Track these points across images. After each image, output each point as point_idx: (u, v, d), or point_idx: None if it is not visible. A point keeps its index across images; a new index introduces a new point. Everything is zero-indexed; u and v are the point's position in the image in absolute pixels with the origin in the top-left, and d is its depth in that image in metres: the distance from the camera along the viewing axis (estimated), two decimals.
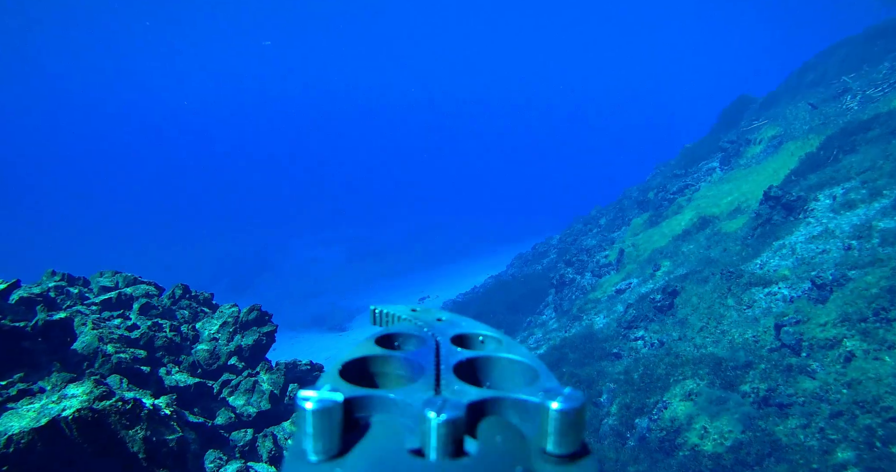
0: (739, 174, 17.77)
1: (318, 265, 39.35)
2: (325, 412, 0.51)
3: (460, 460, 0.49)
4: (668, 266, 15.33)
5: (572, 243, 22.82)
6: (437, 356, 0.72)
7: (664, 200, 20.13)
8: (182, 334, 6.36)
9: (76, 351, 4.96)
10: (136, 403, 3.58)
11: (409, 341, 0.81)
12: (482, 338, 0.80)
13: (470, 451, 0.51)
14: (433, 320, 0.90)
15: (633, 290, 15.62)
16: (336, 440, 0.52)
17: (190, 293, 7.78)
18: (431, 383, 0.63)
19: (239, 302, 28.25)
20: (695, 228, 16.32)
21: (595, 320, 15.37)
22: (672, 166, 23.01)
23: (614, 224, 21.82)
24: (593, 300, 16.63)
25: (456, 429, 0.49)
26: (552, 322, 18.20)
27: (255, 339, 7.00)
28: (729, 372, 9.24)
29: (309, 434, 0.51)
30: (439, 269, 35.50)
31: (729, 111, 22.70)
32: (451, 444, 0.49)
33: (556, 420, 0.52)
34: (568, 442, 0.52)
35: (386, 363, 0.71)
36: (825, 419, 7.54)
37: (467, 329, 0.83)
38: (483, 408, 0.59)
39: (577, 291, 18.43)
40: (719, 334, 10.46)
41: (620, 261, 18.03)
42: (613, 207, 24.02)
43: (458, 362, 0.69)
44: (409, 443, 0.53)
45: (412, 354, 0.73)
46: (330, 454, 0.51)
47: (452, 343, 0.77)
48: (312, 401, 0.52)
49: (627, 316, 12.92)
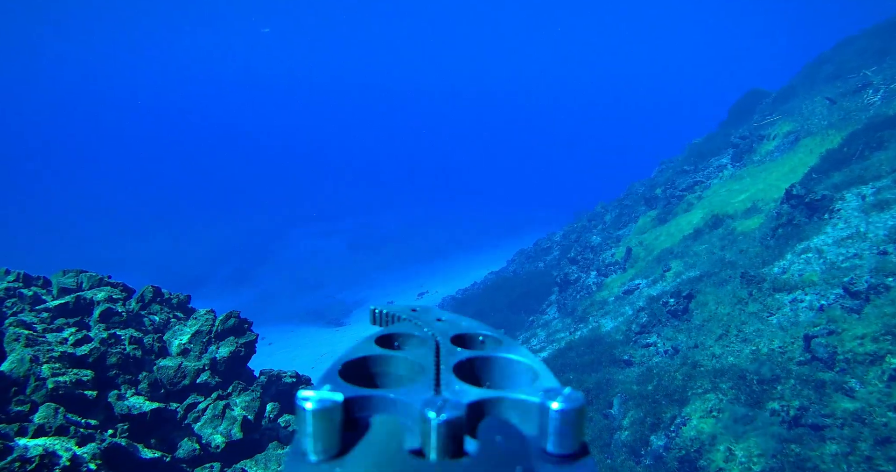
0: (753, 171, 16.84)
1: (318, 257, 38.46)
2: (325, 412, 0.51)
3: (460, 460, 0.49)
4: (679, 267, 14.44)
5: (576, 240, 21.92)
6: (437, 356, 0.71)
7: (672, 197, 19.21)
8: (145, 346, 5.45)
9: (3, 375, 4.06)
10: (43, 460, 2.68)
11: (409, 341, 0.79)
12: (482, 338, 0.79)
13: (470, 451, 0.51)
14: (433, 320, 0.87)
15: (641, 291, 14.74)
16: (336, 440, 0.51)
17: (162, 296, 6.87)
18: (431, 384, 0.63)
19: (238, 294, 27.23)
20: (707, 227, 15.42)
21: (602, 322, 14.50)
22: (679, 162, 22.06)
23: (620, 221, 20.91)
24: (600, 301, 15.75)
25: (456, 429, 0.49)
26: (556, 322, 17.34)
27: (232, 350, 6.10)
28: (754, 386, 8.36)
29: (309, 434, 0.50)
30: (438, 263, 34.62)
31: (739, 106, 21.73)
32: (451, 444, 0.49)
33: (556, 420, 0.51)
34: (568, 442, 0.52)
35: (386, 363, 0.70)
36: (870, 445, 6.66)
37: (467, 329, 0.81)
38: (483, 408, 0.58)
39: (582, 290, 17.55)
40: (741, 344, 9.57)
41: (627, 260, 17.15)
42: (618, 203, 23.10)
43: (458, 363, 0.68)
44: (409, 443, 0.52)
45: (412, 354, 0.72)
46: (330, 454, 0.51)
47: (452, 343, 0.76)
48: (312, 401, 0.51)
49: (639, 320, 12.04)
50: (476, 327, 0.83)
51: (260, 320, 29.72)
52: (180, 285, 32.87)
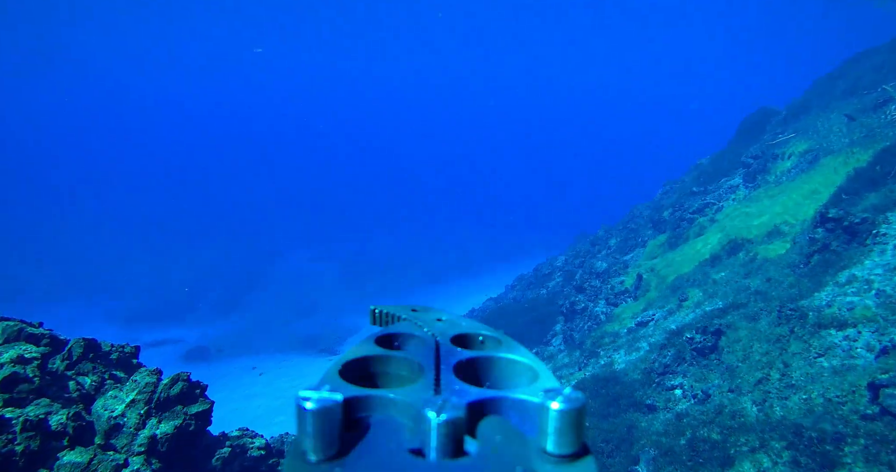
0: (770, 192, 15.63)
1: (311, 281, 36.95)
2: (325, 412, 0.50)
3: (460, 460, 0.49)
4: (698, 296, 13.10)
5: (580, 265, 20.60)
6: (437, 356, 0.71)
7: (682, 220, 17.97)
8: (50, 430, 4.03)
9: None
10: None
11: (409, 341, 0.78)
12: (482, 338, 0.78)
13: (470, 451, 0.50)
14: (433, 320, 0.86)
15: (657, 323, 13.37)
16: (336, 440, 0.51)
17: (98, 350, 5.46)
18: (431, 383, 0.62)
19: (227, 320, 24.97)
20: (724, 252, 14.14)
21: (615, 357, 13.08)
22: (687, 184, 20.90)
23: (626, 246, 19.63)
24: (611, 334, 14.35)
25: (456, 429, 0.49)
26: (562, 356, 15.89)
27: (178, 426, 4.68)
28: (815, 447, 6.96)
29: (309, 434, 0.50)
30: (434, 288, 33.20)
31: (749, 124, 20.66)
32: (451, 444, 0.49)
33: (556, 420, 0.51)
34: (568, 442, 0.51)
35: (386, 363, 0.70)
36: None
37: (467, 329, 0.80)
38: (483, 408, 0.58)
39: (590, 320, 16.16)
40: (786, 390, 8.19)
41: (638, 288, 15.81)
42: (623, 226, 21.85)
43: (458, 362, 0.68)
44: (409, 443, 0.52)
45: (412, 354, 0.72)
46: (330, 454, 0.50)
47: (452, 343, 0.75)
48: (312, 401, 0.50)
49: (661, 359, 10.64)
50: (476, 327, 0.81)
51: (250, 348, 28.11)
52: (168, 310, 31.26)
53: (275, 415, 20.66)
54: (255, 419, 19.05)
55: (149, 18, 60.93)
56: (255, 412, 21.10)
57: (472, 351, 0.73)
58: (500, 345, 0.75)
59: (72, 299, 32.55)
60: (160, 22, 62.54)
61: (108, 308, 31.90)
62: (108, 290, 34.38)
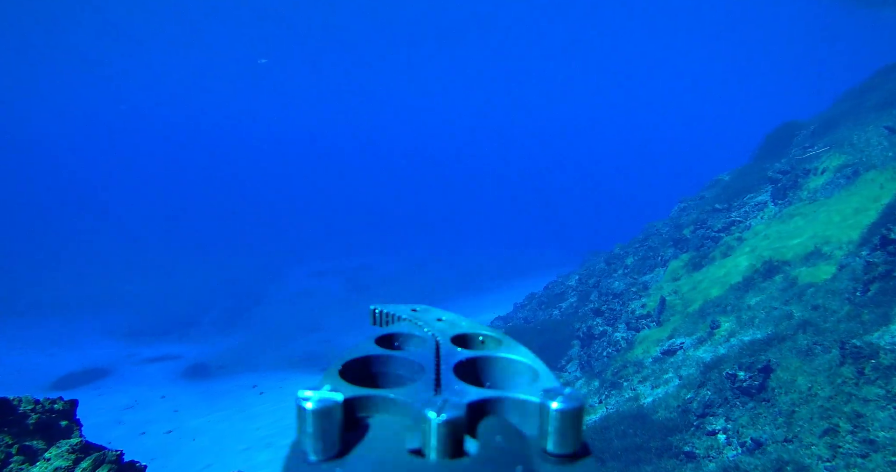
0: (805, 210, 14.23)
1: (315, 298, 35.60)
2: (325, 411, 0.50)
3: (460, 460, 0.49)
4: (732, 325, 11.66)
5: (594, 285, 19.18)
6: (437, 356, 0.70)
7: (706, 238, 16.57)
8: None
9: None
10: None
11: (409, 341, 0.78)
12: (482, 338, 0.78)
13: (470, 451, 0.50)
14: (433, 320, 0.86)
15: (686, 353, 11.93)
16: (336, 440, 0.50)
17: (14, 412, 4.12)
18: (431, 383, 0.62)
19: (229, 336, 22.99)
20: (758, 275, 12.71)
21: (641, 390, 11.64)
22: (708, 200, 19.52)
23: (645, 265, 18.21)
24: (634, 363, 12.90)
25: (456, 429, 0.49)
26: (580, 384, 14.43)
27: None
28: None
29: (309, 434, 0.50)
30: (440, 305, 31.51)
31: (774, 138, 19.32)
32: (451, 444, 0.48)
33: (556, 420, 0.51)
34: (568, 442, 0.51)
35: (386, 363, 0.69)
36: None
37: (467, 329, 0.80)
38: (483, 408, 0.58)
39: (609, 347, 14.71)
40: (863, 446, 6.74)
41: (662, 312, 14.37)
42: (639, 244, 20.44)
43: (459, 362, 0.67)
44: (409, 443, 0.51)
45: (412, 354, 0.71)
46: (330, 454, 0.50)
47: (452, 343, 0.74)
48: (312, 401, 0.50)
49: (700, 397, 9.19)
50: (476, 327, 0.80)
51: (251, 365, 26.69)
52: (170, 325, 29.97)
53: (276, 438, 19.28)
54: (256, 443, 17.72)
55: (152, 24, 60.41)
56: (253, 434, 19.67)
57: (473, 351, 0.71)
58: (501, 345, 0.73)
59: (70, 313, 31.37)
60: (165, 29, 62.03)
61: (108, 322, 30.66)
62: (107, 304, 33.19)
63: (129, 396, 21.65)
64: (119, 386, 22.79)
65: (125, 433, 18.72)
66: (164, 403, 21.12)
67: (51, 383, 22.96)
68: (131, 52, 67.29)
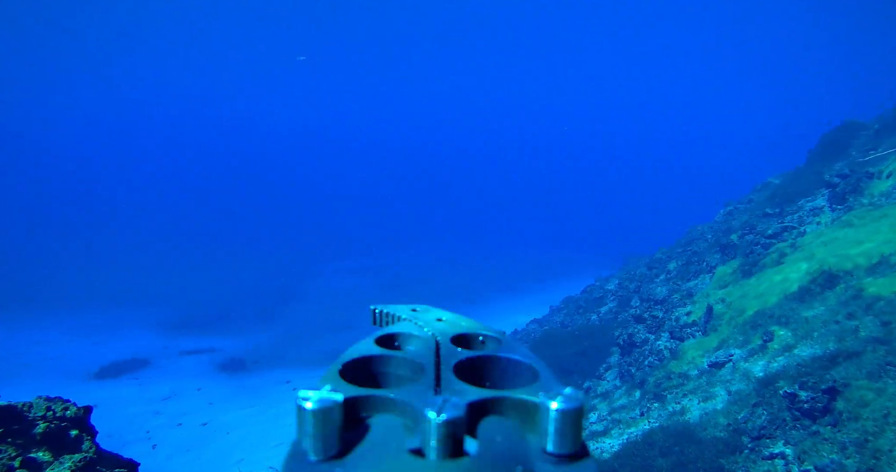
0: (867, 216, 13.21)
1: (349, 295, 35.54)
2: (325, 411, 0.49)
3: (460, 460, 0.48)
4: (787, 337, 10.83)
5: (635, 290, 18.38)
6: (437, 356, 0.70)
7: (756, 244, 15.62)
8: None
9: None
10: None
11: (409, 341, 0.78)
12: (482, 338, 0.77)
13: (470, 451, 0.50)
14: (433, 320, 0.85)
15: (736, 366, 11.14)
16: (336, 439, 0.50)
17: (22, 420, 3.82)
18: (431, 383, 0.62)
19: (263, 331, 23.04)
20: (817, 285, 11.81)
21: (687, 404, 10.92)
22: (757, 204, 18.50)
23: (689, 271, 17.34)
24: (678, 374, 12.17)
25: (456, 429, 0.48)
26: (619, 393, 13.75)
27: None
28: None
29: (309, 434, 0.49)
30: (475, 305, 31.27)
31: (831, 139, 18.13)
32: (451, 444, 0.48)
33: (556, 420, 0.50)
34: (568, 442, 0.51)
35: (386, 363, 0.69)
36: None
37: (467, 329, 0.80)
38: (483, 408, 0.57)
39: (651, 355, 13.97)
40: None
41: (709, 321, 13.55)
42: (683, 249, 19.53)
43: (459, 362, 0.67)
44: (409, 443, 0.51)
45: (412, 354, 0.71)
46: (330, 453, 0.50)
47: (453, 343, 0.74)
48: (312, 401, 0.49)
49: (754, 417, 8.47)
50: (476, 327, 0.80)
51: (285, 361, 26.73)
52: (206, 319, 30.34)
53: None
54: (287, 439, 17.55)
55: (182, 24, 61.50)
56: (285, 430, 19.55)
57: (473, 351, 0.71)
58: (501, 345, 0.73)
59: (113, 305, 32.09)
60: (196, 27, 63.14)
61: (148, 315, 31.24)
62: (149, 297, 33.86)
63: (167, 387, 21.86)
64: (157, 377, 23.07)
65: (162, 424, 18.88)
66: (200, 395, 21.24)
67: (94, 371, 23.41)
68: (168, 51, 68.81)
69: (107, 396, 20.38)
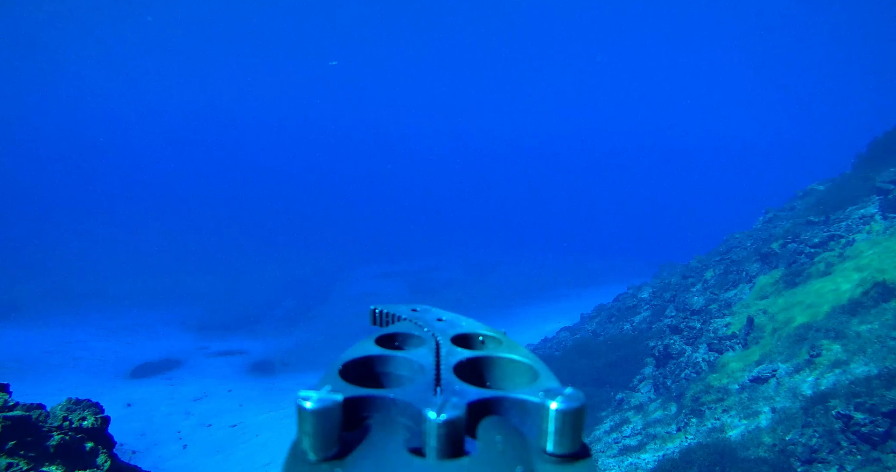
0: None
1: (376, 299, 35.44)
2: (325, 411, 0.49)
3: (460, 460, 0.48)
4: (838, 353, 10.17)
5: (670, 299, 17.73)
6: (437, 356, 0.69)
7: (799, 253, 14.88)
8: None
9: None
10: None
11: (409, 341, 0.77)
12: (482, 338, 0.77)
13: (470, 451, 0.49)
14: (433, 320, 0.84)
15: (780, 382, 10.52)
16: (336, 439, 0.50)
17: (36, 432, 3.65)
18: (431, 383, 0.61)
19: (290, 335, 23.17)
20: (869, 297, 11.09)
21: (726, 421, 10.34)
22: (800, 211, 17.68)
23: (727, 280, 16.63)
24: (717, 388, 11.57)
25: (456, 429, 0.48)
26: (653, 406, 13.19)
27: None
28: None
29: (308, 434, 0.49)
30: (503, 311, 30.80)
31: (882, 145, 17.21)
32: (451, 444, 0.48)
33: (556, 420, 0.50)
34: (568, 442, 0.50)
35: (386, 363, 0.68)
36: None
37: (467, 329, 0.79)
38: (483, 408, 0.57)
39: (688, 368, 13.37)
40: None
41: (750, 333, 12.91)
42: (721, 257, 18.79)
43: (459, 362, 0.66)
44: (409, 443, 0.51)
45: (412, 354, 0.70)
46: (329, 453, 0.49)
47: (453, 343, 0.73)
48: (312, 401, 0.49)
49: (804, 439, 7.90)
50: (476, 327, 0.80)
51: (313, 364, 26.71)
52: (237, 321, 30.60)
53: None
54: None
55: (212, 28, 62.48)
56: None
57: (473, 351, 0.70)
58: (501, 345, 0.72)
59: (147, 305, 32.63)
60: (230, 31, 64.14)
61: (181, 316, 31.68)
62: (181, 299, 34.34)
63: (199, 388, 22.00)
64: (189, 377, 23.26)
65: (193, 425, 18.96)
66: (230, 397, 21.31)
67: (129, 370, 23.75)
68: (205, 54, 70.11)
69: (141, 395, 20.62)
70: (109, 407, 17.18)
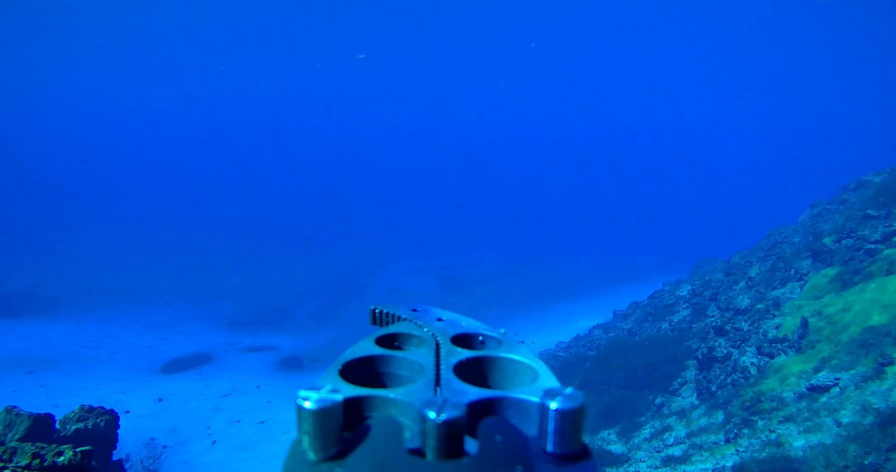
0: None
1: (406, 295, 34.89)
2: (325, 411, 0.49)
3: (460, 460, 0.48)
4: None
5: (711, 298, 16.59)
6: (437, 356, 0.69)
7: (857, 250, 13.62)
8: None
9: None
10: None
11: (409, 341, 0.77)
12: (482, 338, 0.76)
13: (470, 451, 0.49)
14: (433, 320, 0.84)
15: (845, 392, 9.43)
16: (336, 439, 0.49)
17: None
18: (431, 383, 0.61)
19: (320, 331, 22.45)
20: None
21: (784, 433, 9.31)
22: (854, 204, 16.30)
23: (774, 278, 15.42)
24: (770, 396, 10.52)
25: (456, 429, 0.48)
26: (697, 413, 12.18)
27: None
28: None
29: (309, 434, 0.49)
30: (534, 308, 29.82)
31: None
32: (450, 444, 0.48)
33: (555, 420, 0.50)
34: (568, 442, 0.50)
35: (386, 363, 0.68)
36: None
37: (467, 329, 0.78)
38: (483, 408, 0.57)
39: (735, 373, 12.31)
40: None
41: (804, 337, 11.77)
42: (764, 252, 17.52)
43: (459, 362, 0.66)
44: (409, 443, 0.51)
45: (412, 354, 0.70)
46: (329, 453, 0.49)
47: (453, 343, 0.73)
48: (312, 401, 0.49)
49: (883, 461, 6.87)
50: (476, 327, 0.79)
51: None
52: (267, 317, 30.36)
53: None
54: None
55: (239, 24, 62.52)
56: None
57: (473, 351, 0.70)
58: (501, 345, 0.72)
59: (177, 301, 32.76)
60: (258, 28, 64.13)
61: (212, 312, 31.71)
62: (212, 294, 34.42)
63: (228, 383, 21.77)
64: (219, 373, 23.08)
65: (223, 421, 18.69)
66: (259, 393, 21.00)
67: (161, 366, 23.70)
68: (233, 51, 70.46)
69: (172, 390, 20.49)
70: (142, 402, 16.86)
